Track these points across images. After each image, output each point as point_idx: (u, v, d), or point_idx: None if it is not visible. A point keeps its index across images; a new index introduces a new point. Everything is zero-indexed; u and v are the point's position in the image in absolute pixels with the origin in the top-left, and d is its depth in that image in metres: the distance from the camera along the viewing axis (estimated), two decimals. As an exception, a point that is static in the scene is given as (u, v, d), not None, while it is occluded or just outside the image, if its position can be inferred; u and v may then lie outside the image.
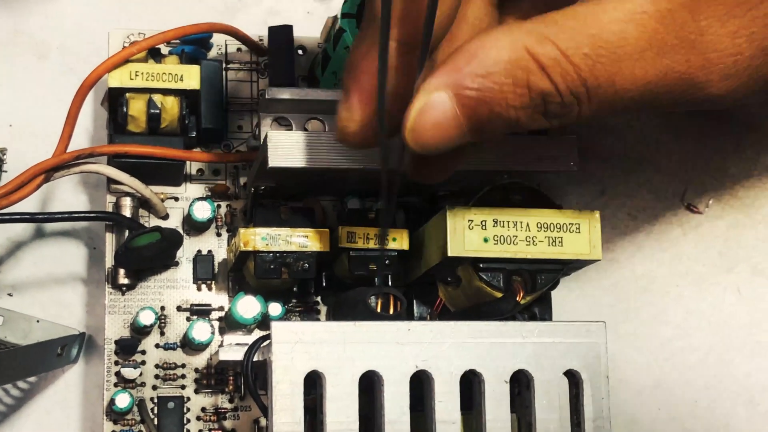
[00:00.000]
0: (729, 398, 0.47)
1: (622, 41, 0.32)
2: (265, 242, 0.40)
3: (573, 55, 0.32)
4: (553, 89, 0.32)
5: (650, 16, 0.32)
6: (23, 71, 0.48)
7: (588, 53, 0.32)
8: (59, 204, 0.47)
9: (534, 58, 0.32)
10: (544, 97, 0.32)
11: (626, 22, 0.32)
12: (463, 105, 0.32)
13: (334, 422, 0.35)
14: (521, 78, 0.32)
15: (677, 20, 0.32)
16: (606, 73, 0.32)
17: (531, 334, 0.37)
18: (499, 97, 0.32)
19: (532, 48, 0.32)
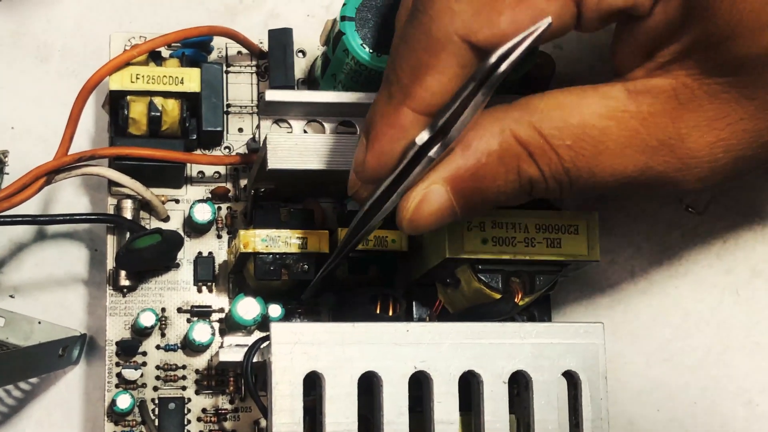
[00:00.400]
0: (728, 399, 0.47)
1: (603, 137, 0.33)
2: (264, 244, 0.40)
3: (557, 145, 0.33)
4: (540, 176, 0.33)
5: (632, 116, 0.33)
6: (25, 74, 0.48)
7: (571, 145, 0.33)
8: (61, 205, 0.47)
9: (523, 145, 0.33)
10: (532, 182, 0.33)
11: (608, 119, 0.33)
12: (457, 195, 0.33)
13: (333, 423, 0.35)
14: (512, 165, 0.33)
15: (658, 124, 0.33)
16: (587, 165, 0.33)
17: (529, 335, 0.37)
18: (493, 185, 0.33)
19: (520, 135, 0.33)
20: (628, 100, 0.33)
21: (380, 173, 0.34)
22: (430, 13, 0.31)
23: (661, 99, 0.33)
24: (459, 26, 0.31)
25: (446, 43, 0.31)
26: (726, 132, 0.33)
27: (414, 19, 0.32)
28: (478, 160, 0.33)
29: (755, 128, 0.33)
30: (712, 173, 0.34)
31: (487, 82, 0.30)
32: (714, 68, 0.32)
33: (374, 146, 0.33)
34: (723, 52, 0.31)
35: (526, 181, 0.34)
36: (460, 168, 0.33)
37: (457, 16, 0.31)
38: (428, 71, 0.32)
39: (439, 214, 0.34)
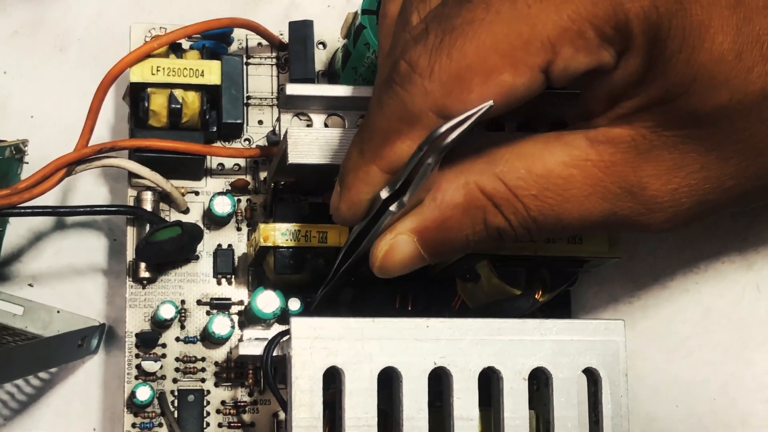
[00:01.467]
0: (747, 395, 0.47)
1: (568, 185, 0.34)
2: (284, 238, 0.40)
3: (522, 195, 0.34)
4: (507, 225, 0.34)
5: (594, 165, 0.33)
6: (45, 63, 0.49)
7: (536, 194, 0.34)
8: (81, 195, 0.47)
9: (487, 196, 0.34)
10: (499, 231, 0.34)
11: (572, 167, 0.34)
12: (424, 244, 0.35)
13: (352, 418, 0.35)
14: (478, 216, 0.34)
15: (620, 173, 0.33)
16: (553, 212, 0.34)
17: (550, 332, 0.37)
18: (459, 235, 0.35)
19: (484, 187, 0.34)
20: (590, 149, 0.34)
21: (352, 220, 0.36)
22: (406, 89, 0.32)
23: (621, 149, 0.33)
24: (432, 104, 0.32)
25: (420, 117, 0.33)
26: (687, 180, 0.34)
27: (390, 90, 0.33)
28: (444, 212, 0.34)
29: (716, 176, 0.34)
30: (677, 217, 0.35)
31: (434, 151, 0.32)
32: (672, 121, 0.33)
33: (345, 196, 0.35)
34: (680, 107, 0.32)
35: (494, 230, 0.35)
36: (426, 219, 0.34)
37: (429, 95, 0.32)
38: (399, 137, 0.33)
39: (406, 261, 0.35)
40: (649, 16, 0.31)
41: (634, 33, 0.31)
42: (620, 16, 0.31)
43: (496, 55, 0.31)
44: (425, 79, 0.32)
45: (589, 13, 0.31)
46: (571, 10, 0.31)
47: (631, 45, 0.32)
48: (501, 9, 0.32)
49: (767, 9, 0.32)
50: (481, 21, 0.32)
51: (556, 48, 0.31)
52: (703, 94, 0.32)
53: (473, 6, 0.32)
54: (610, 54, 0.32)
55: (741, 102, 0.32)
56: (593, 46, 0.32)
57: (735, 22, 0.31)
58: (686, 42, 0.31)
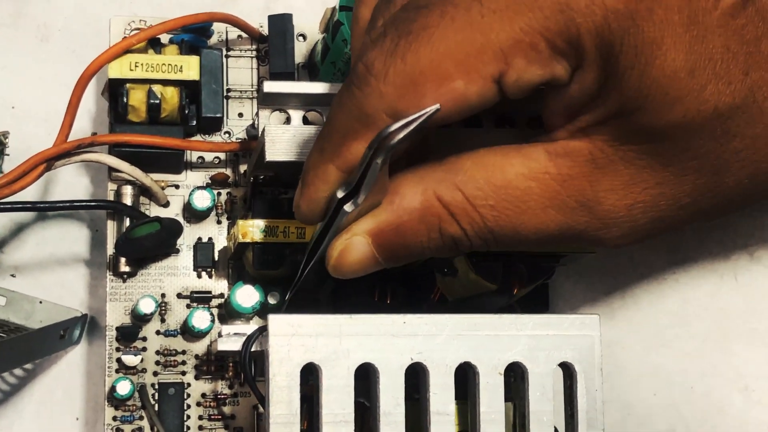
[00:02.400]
0: (724, 385, 0.48)
1: (525, 196, 0.34)
2: (262, 234, 0.40)
3: (480, 205, 0.34)
4: (463, 235, 0.34)
5: (552, 178, 0.34)
6: (26, 54, 0.48)
7: (494, 205, 0.34)
8: (61, 187, 0.47)
9: (444, 205, 0.34)
10: (455, 240, 0.35)
11: (530, 180, 0.34)
12: (379, 247, 0.35)
13: (329, 414, 0.36)
14: (434, 224, 0.34)
15: (577, 186, 0.34)
16: (510, 224, 0.34)
17: (525, 327, 0.37)
18: (414, 241, 0.35)
19: (442, 196, 0.34)
20: (548, 161, 0.34)
21: (311, 218, 0.36)
22: (363, 90, 0.33)
23: (579, 162, 0.34)
24: (386, 106, 0.32)
25: (374, 118, 0.33)
26: (643, 195, 0.34)
27: (348, 90, 0.33)
28: (400, 217, 0.35)
29: (672, 193, 0.34)
30: (632, 232, 0.35)
31: (382, 151, 0.32)
32: (629, 136, 0.33)
33: (305, 193, 0.35)
34: (635, 122, 0.33)
35: (449, 239, 0.35)
36: (382, 222, 0.35)
37: (384, 97, 0.32)
38: (356, 137, 0.33)
39: (361, 262, 0.35)
40: (601, 32, 0.31)
41: (586, 48, 0.32)
42: (572, 31, 0.31)
43: (449, 62, 0.32)
44: (380, 82, 0.32)
45: (541, 26, 0.31)
46: (523, 22, 0.31)
47: (584, 60, 0.32)
48: (455, 16, 0.32)
49: (721, 28, 0.32)
50: (435, 27, 0.32)
51: (509, 59, 0.32)
52: (657, 110, 0.32)
53: (429, 12, 0.32)
54: (563, 67, 0.32)
55: (694, 119, 0.33)
56: (545, 58, 0.32)
57: (688, 40, 0.32)
58: (638, 58, 0.31)
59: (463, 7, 0.32)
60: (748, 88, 0.33)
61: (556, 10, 0.31)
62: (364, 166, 0.33)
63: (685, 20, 0.32)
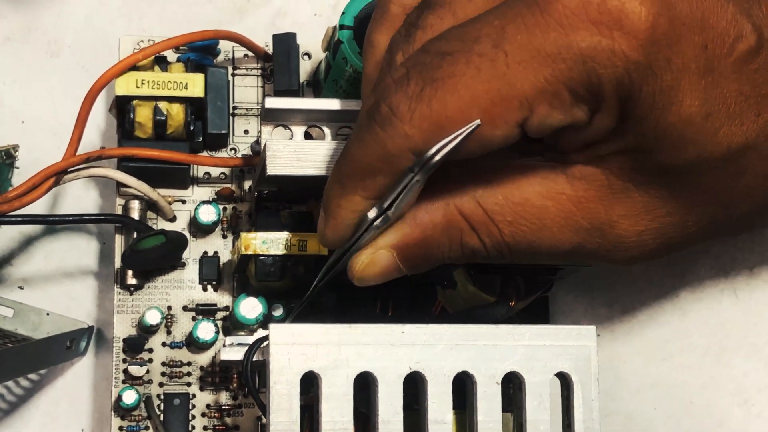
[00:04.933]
0: (724, 399, 0.48)
1: (542, 214, 0.35)
2: (265, 246, 0.41)
3: (499, 221, 0.35)
4: (482, 247, 0.36)
5: (568, 199, 0.35)
6: (35, 68, 0.49)
7: (511, 221, 0.35)
8: (70, 200, 0.48)
9: (466, 219, 0.35)
10: (474, 251, 0.36)
11: (547, 199, 0.35)
12: (403, 259, 0.36)
13: (329, 422, 0.36)
14: (455, 236, 0.36)
15: (591, 209, 0.35)
16: (525, 240, 0.36)
17: (523, 337, 0.38)
18: (436, 252, 0.36)
19: (463, 210, 0.35)
20: (565, 183, 0.35)
21: (339, 244, 0.37)
22: (387, 131, 0.34)
23: (595, 186, 0.35)
24: (411, 146, 0.34)
25: (399, 158, 0.34)
26: (654, 223, 0.36)
27: (371, 130, 0.34)
28: (424, 231, 0.36)
29: (681, 221, 0.36)
30: (641, 255, 0.37)
31: (423, 171, 0.33)
32: (643, 168, 0.35)
33: (330, 223, 0.36)
34: (651, 159, 0.34)
35: (469, 250, 0.36)
36: (406, 236, 0.36)
37: (409, 138, 0.33)
38: (379, 173, 0.35)
39: (384, 273, 0.37)
40: (621, 80, 0.32)
41: (606, 95, 0.33)
42: (593, 80, 0.32)
43: (474, 109, 0.33)
44: (405, 124, 0.33)
45: (565, 76, 0.32)
46: (547, 73, 0.32)
47: (604, 105, 0.33)
48: (481, 66, 0.33)
49: (735, 74, 0.33)
50: (461, 76, 0.33)
51: (533, 106, 0.33)
52: (672, 151, 0.34)
53: (454, 60, 0.33)
54: (583, 111, 0.33)
55: (707, 159, 0.34)
56: (567, 105, 0.33)
57: (704, 86, 0.33)
58: (656, 104, 0.33)
59: (489, 58, 0.33)
60: (760, 128, 0.34)
61: (578, 62, 0.32)
62: (401, 187, 0.34)
63: (702, 68, 0.33)
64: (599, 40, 0.32)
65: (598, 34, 0.32)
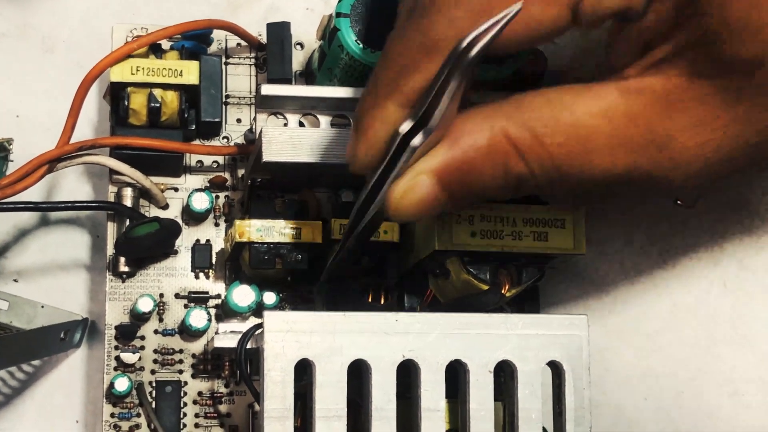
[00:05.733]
0: (714, 389, 0.48)
1: (594, 135, 0.33)
2: (259, 234, 0.41)
3: (549, 143, 0.33)
4: (529, 173, 0.34)
5: (623, 114, 0.33)
6: (30, 64, 0.49)
7: (562, 143, 0.33)
8: (64, 193, 0.48)
9: (512, 143, 0.33)
10: (519, 178, 0.34)
11: (600, 117, 0.33)
12: (444, 187, 0.34)
13: (322, 409, 0.36)
14: (500, 162, 0.33)
15: (648, 123, 0.33)
16: (578, 163, 0.33)
17: (515, 327, 0.38)
18: (479, 180, 0.34)
19: (510, 133, 0.33)
20: (619, 99, 0.33)
21: (371, 163, 0.35)
22: (430, 17, 0.32)
23: (652, 99, 0.33)
24: (457, 31, 0.31)
25: (442, 46, 0.32)
26: (715, 134, 0.33)
27: (413, 19, 0.32)
28: (466, 153, 0.33)
29: (743, 132, 0.33)
30: (701, 172, 0.34)
31: (459, 68, 0.31)
32: (703, 69, 0.32)
33: (362, 138, 0.34)
34: (712, 53, 0.32)
35: (513, 178, 0.34)
36: (447, 160, 0.33)
37: (456, 22, 0.32)
38: (418, 69, 0.33)
39: (424, 203, 0.34)
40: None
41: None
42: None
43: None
44: (452, 7, 0.31)
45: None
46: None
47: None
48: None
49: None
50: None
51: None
52: (736, 42, 0.31)
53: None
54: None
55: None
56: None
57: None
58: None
59: None
60: None
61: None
62: (434, 90, 0.31)
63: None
64: None
65: None
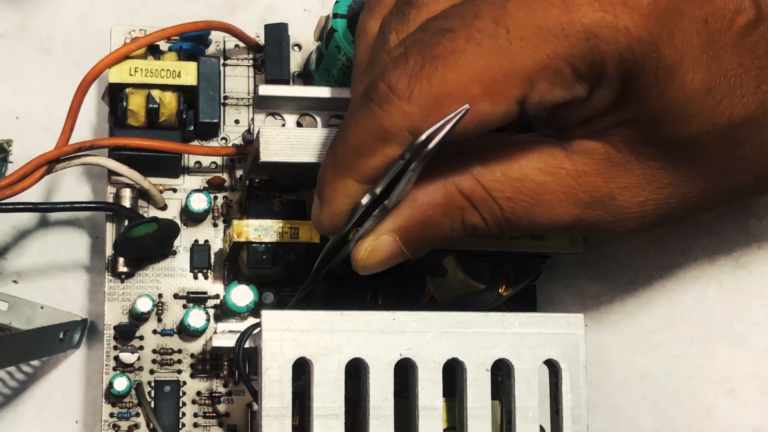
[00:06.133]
0: (710, 388, 0.48)
1: (541, 190, 0.35)
2: (257, 233, 0.41)
3: (498, 197, 0.35)
4: (483, 224, 0.36)
5: (567, 173, 0.35)
6: (29, 65, 0.49)
7: (510, 197, 0.35)
8: (63, 194, 0.48)
9: (466, 197, 0.35)
10: (475, 228, 0.36)
11: (546, 174, 0.35)
12: (405, 243, 0.36)
13: (320, 407, 0.37)
14: (457, 214, 0.36)
15: (592, 183, 0.35)
16: (526, 215, 0.36)
17: (512, 325, 0.38)
18: (437, 232, 0.36)
19: (464, 189, 0.35)
20: (564, 158, 0.35)
21: (335, 229, 0.37)
22: (383, 108, 0.33)
23: (595, 160, 0.35)
24: (409, 124, 0.33)
25: (397, 136, 0.34)
26: (655, 194, 0.36)
27: (367, 107, 0.34)
28: (424, 212, 0.36)
29: (682, 193, 0.36)
30: (642, 225, 0.37)
31: (417, 158, 0.33)
32: (644, 141, 0.35)
33: (325, 209, 0.36)
34: (652, 132, 0.34)
35: (470, 227, 0.36)
36: (407, 219, 0.36)
37: (408, 115, 0.33)
38: (375, 154, 0.34)
39: (388, 259, 0.37)
40: (624, 56, 0.32)
41: (608, 71, 0.33)
42: (596, 57, 0.32)
43: (475, 85, 0.33)
44: (404, 101, 0.33)
45: (567, 53, 0.32)
46: (549, 49, 0.32)
47: (605, 80, 0.33)
48: (482, 42, 0.33)
49: (735, 47, 0.33)
50: (462, 52, 0.33)
51: (534, 82, 0.33)
52: (673, 125, 0.34)
53: (454, 37, 0.33)
54: (584, 88, 0.33)
55: (708, 132, 0.34)
56: (568, 81, 0.33)
57: (705, 61, 0.33)
58: (659, 80, 0.33)
59: (490, 33, 0.32)
60: (759, 99, 0.34)
61: (581, 38, 0.32)
62: (393, 173, 0.34)
63: (703, 42, 0.33)
64: (602, 16, 0.32)
65: (600, 9, 0.32)
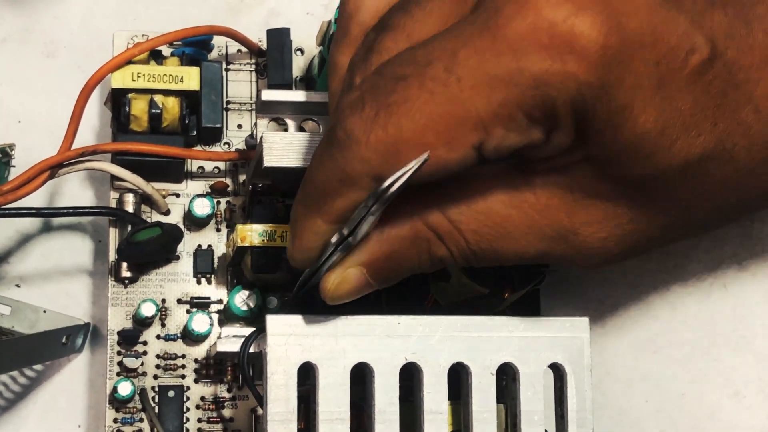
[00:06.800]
0: (714, 391, 0.48)
1: (506, 223, 0.36)
2: (261, 238, 0.41)
3: (464, 230, 0.36)
4: (450, 256, 0.36)
5: (531, 207, 0.35)
6: (32, 69, 0.49)
7: (476, 230, 0.36)
8: (66, 198, 0.48)
9: (432, 229, 0.36)
10: (442, 260, 0.36)
11: (511, 207, 0.35)
12: (372, 275, 0.36)
13: (325, 411, 0.37)
14: (423, 247, 0.36)
15: (555, 217, 0.35)
16: (491, 247, 0.36)
17: (517, 329, 0.38)
18: (405, 264, 0.36)
19: (430, 221, 0.36)
20: (528, 192, 0.35)
21: (307, 262, 0.37)
22: (344, 153, 0.34)
23: (558, 195, 0.35)
24: (368, 170, 0.33)
25: (357, 181, 0.34)
26: (617, 230, 0.36)
27: (330, 151, 0.34)
28: (392, 245, 0.36)
29: (644, 228, 0.36)
30: (605, 260, 0.37)
31: (380, 202, 0.33)
32: (604, 178, 0.35)
33: (296, 244, 0.37)
34: (610, 171, 0.35)
35: (437, 259, 0.36)
36: (374, 253, 0.36)
37: (366, 162, 0.33)
38: (339, 196, 0.34)
39: (356, 290, 0.37)
40: (575, 101, 0.32)
41: (561, 116, 0.33)
42: (547, 103, 0.32)
43: (430, 133, 0.33)
44: (361, 148, 0.33)
45: (518, 100, 0.32)
46: (501, 97, 0.32)
47: (559, 124, 0.33)
48: (435, 90, 0.32)
49: (689, 86, 0.33)
50: (415, 100, 0.33)
51: (488, 129, 0.33)
52: (629, 165, 0.34)
53: (407, 84, 0.33)
54: (539, 132, 0.33)
55: (665, 171, 0.34)
56: (523, 127, 0.33)
57: (658, 102, 0.33)
58: (611, 122, 0.33)
59: (442, 82, 0.32)
60: (717, 137, 0.34)
61: (531, 86, 0.32)
62: (359, 218, 0.34)
63: (655, 84, 0.33)
64: (550, 64, 0.32)
65: (549, 58, 0.32)
